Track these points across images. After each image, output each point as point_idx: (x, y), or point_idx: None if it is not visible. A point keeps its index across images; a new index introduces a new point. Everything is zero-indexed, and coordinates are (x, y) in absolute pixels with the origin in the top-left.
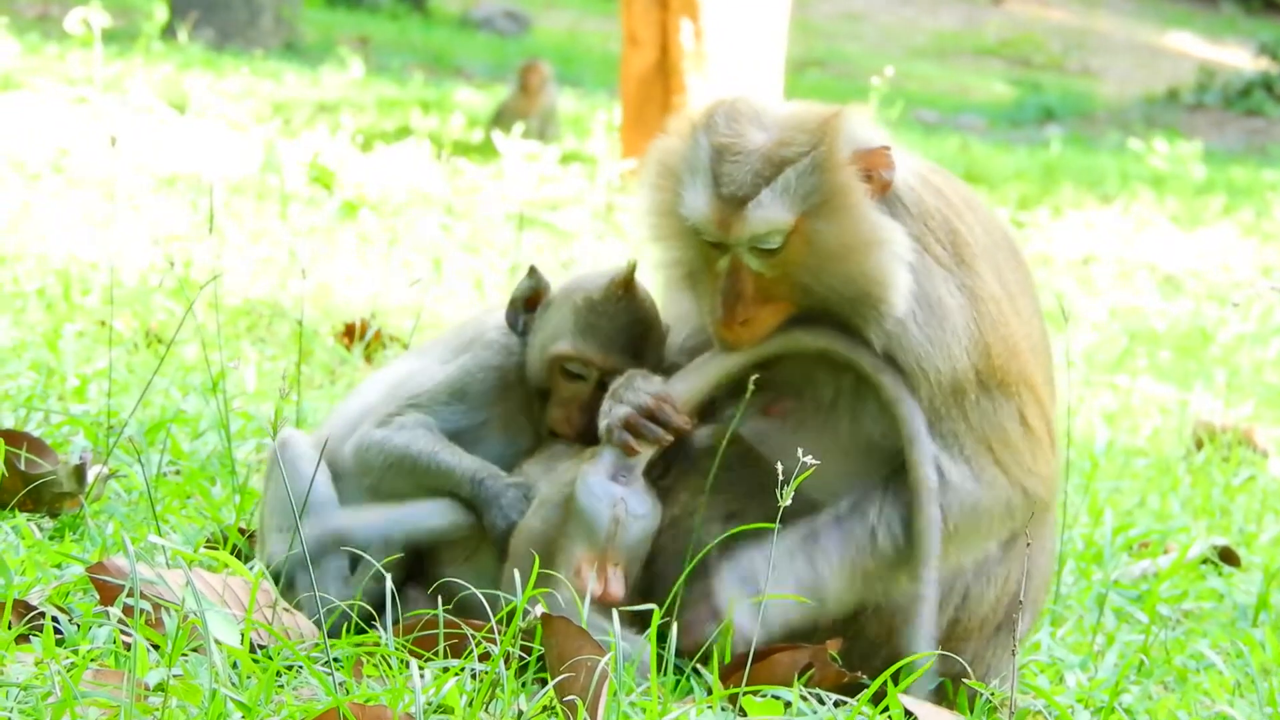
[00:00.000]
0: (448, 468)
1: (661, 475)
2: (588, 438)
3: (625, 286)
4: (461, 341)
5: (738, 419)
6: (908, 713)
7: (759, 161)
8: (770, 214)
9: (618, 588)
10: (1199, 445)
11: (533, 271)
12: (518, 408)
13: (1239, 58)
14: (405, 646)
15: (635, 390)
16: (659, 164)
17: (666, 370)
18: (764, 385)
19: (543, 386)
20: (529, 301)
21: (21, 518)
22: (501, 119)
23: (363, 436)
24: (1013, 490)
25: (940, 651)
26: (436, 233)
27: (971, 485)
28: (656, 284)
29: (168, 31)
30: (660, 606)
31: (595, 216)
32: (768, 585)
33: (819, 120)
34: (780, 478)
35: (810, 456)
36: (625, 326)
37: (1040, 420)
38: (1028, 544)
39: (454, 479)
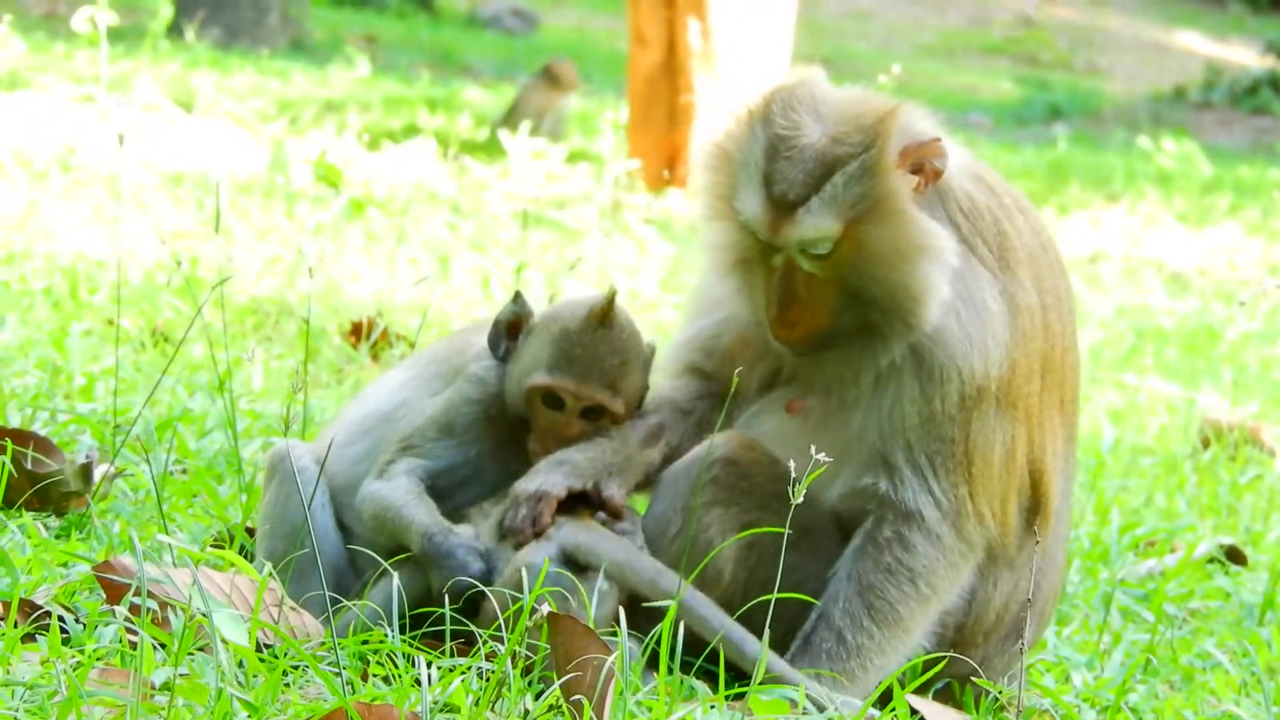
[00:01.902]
0: (406, 522)
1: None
2: None
3: (603, 317)
4: (450, 369)
5: (715, 436)
6: (914, 712)
7: (811, 161)
8: (819, 221)
9: None
10: (1206, 444)
11: (517, 297)
12: (505, 439)
13: (1246, 56)
14: (411, 645)
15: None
16: (718, 148)
17: (697, 374)
18: (791, 379)
19: (523, 416)
20: (511, 327)
21: (28, 516)
22: (518, 113)
23: (363, 489)
24: (972, 523)
25: (950, 654)
26: (443, 231)
27: (933, 513)
28: (704, 264)
29: (174, 30)
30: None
31: (602, 215)
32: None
33: (873, 116)
34: (793, 478)
35: (823, 454)
36: (602, 357)
37: (1025, 456)
38: (1037, 542)
39: (410, 533)
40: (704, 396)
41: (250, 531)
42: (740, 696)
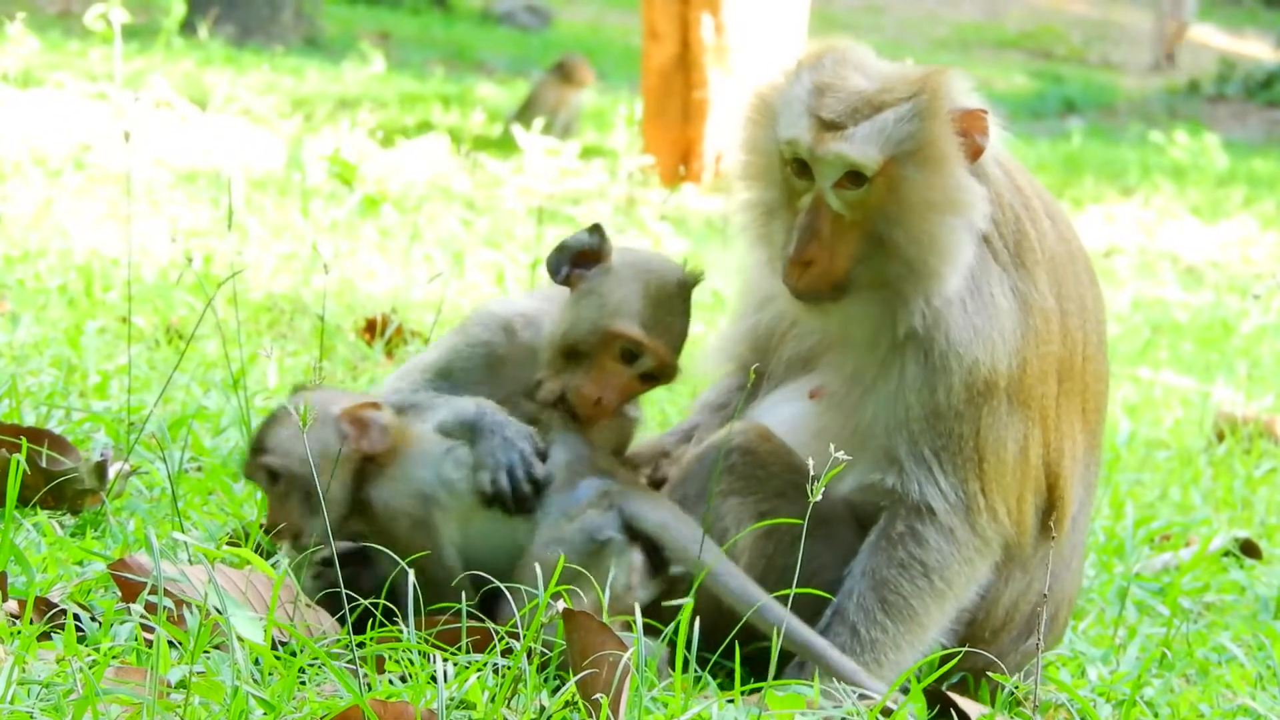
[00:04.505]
0: (443, 403)
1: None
2: (609, 415)
3: (689, 289)
4: (457, 325)
5: (730, 429)
6: (930, 707)
7: (860, 100)
8: (865, 147)
9: None
10: (1220, 437)
11: (598, 229)
12: (511, 386)
13: (1260, 50)
14: (427, 642)
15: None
16: (759, 98)
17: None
18: (814, 363)
19: (579, 350)
20: (581, 255)
21: (43, 515)
22: (531, 109)
23: None
24: (985, 519)
25: (965, 649)
26: (457, 227)
27: (942, 506)
28: (735, 231)
29: (187, 28)
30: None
31: (616, 211)
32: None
33: (923, 74)
34: (811, 475)
35: (841, 450)
36: (683, 326)
37: (1039, 457)
38: (1053, 538)
39: (454, 412)
40: (742, 387)
41: (265, 529)
42: (756, 692)
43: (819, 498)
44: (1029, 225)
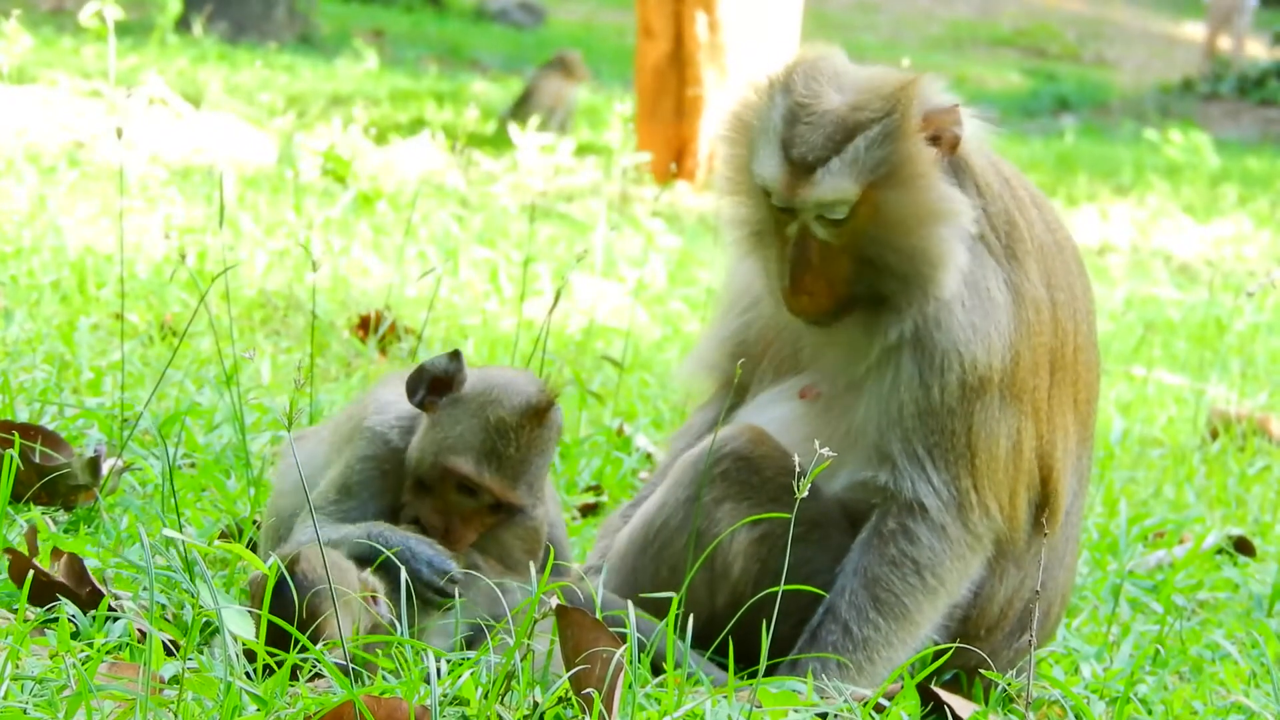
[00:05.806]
0: (343, 539)
1: None
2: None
3: (541, 417)
4: (352, 429)
5: (716, 432)
6: (924, 703)
7: (831, 126)
8: (838, 183)
9: None
10: (1214, 435)
11: (456, 356)
12: (400, 496)
13: (1254, 48)
14: (420, 639)
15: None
16: (735, 118)
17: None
18: (806, 365)
19: (425, 482)
20: (438, 382)
21: (36, 511)
22: (528, 103)
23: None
24: (977, 515)
25: (957, 644)
26: (451, 224)
27: (934, 503)
28: (726, 240)
29: (182, 25)
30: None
31: (610, 208)
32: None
33: (894, 88)
34: (799, 471)
35: (829, 448)
36: (530, 458)
37: (1032, 451)
38: (1045, 535)
39: (354, 548)
40: (718, 419)
41: (259, 525)
42: (749, 688)
43: (805, 493)
44: (1018, 215)
